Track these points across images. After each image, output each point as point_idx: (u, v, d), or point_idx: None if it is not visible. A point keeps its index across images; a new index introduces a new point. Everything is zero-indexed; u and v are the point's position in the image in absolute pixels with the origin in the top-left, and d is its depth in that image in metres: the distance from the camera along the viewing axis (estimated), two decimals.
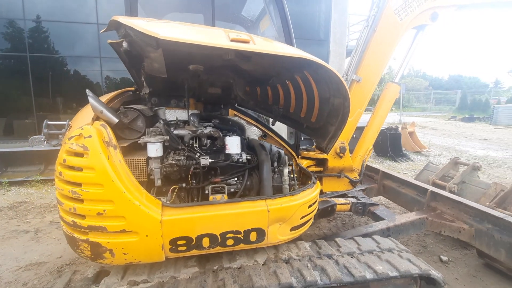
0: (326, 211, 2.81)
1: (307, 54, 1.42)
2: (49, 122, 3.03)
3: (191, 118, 1.96)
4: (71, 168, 1.54)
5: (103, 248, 1.55)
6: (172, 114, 2.26)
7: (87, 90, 1.66)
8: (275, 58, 1.50)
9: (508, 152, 9.39)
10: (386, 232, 2.54)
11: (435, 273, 1.91)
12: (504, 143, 11.42)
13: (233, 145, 1.81)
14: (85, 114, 1.79)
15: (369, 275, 1.78)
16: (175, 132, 1.84)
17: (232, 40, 1.32)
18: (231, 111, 2.40)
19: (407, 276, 1.87)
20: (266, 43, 1.53)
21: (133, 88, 2.33)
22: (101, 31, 1.64)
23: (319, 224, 3.67)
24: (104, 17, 8.40)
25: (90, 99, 1.63)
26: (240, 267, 1.81)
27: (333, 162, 2.71)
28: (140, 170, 1.81)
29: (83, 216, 1.54)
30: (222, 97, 2.22)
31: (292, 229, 1.86)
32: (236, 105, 2.37)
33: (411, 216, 2.71)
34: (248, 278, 1.70)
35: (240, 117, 2.41)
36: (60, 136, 5.85)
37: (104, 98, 2.02)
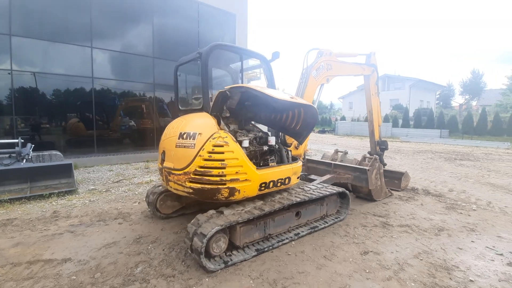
0: None
1: (308, 102, 3.71)
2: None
3: (254, 128, 3.83)
4: (217, 153, 3.16)
5: (236, 190, 3.24)
6: None
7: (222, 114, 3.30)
8: (285, 103, 3.69)
9: (348, 150, 14.90)
10: None
11: (346, 191, 4.57)
12: (344, 145, 17.61)
13: (272, 139, 3.85)
14: (207, 126, 3.34)
15: (327, 193, 4.21)
16: (249, 135, 3.68)
17: (291, 98, 3.45)
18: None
19: (337, 193, 4.43)
20: (297, 98, 3.69)
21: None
22: (225, 87, 3.34)
23: None
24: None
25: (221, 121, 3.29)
26: (279, 197, 3.82)
27: (294, 152, 5.07)
28: None
29: (225, 175, 3.17)
30: (251, 117, 4.17)
31: (298, 178, 4.07)
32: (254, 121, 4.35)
33: (327, 176, 5.43)
34: (287, 199, 3.75)
35: (255, 127, 4.40)
36: (12, 155, 5.75)
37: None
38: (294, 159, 4.28)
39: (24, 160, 5.74)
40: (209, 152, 3.16)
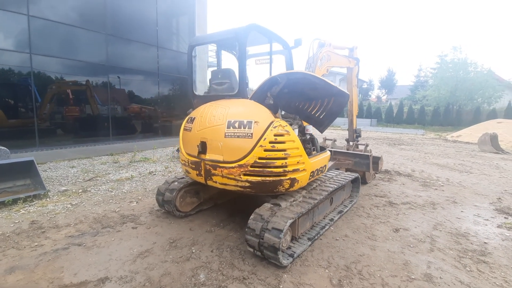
0: None
1: (345, 90, 3.79)
2: None
3: (297, 117, 3.70)
4: (280, 142, 2.98)
5: (297, 180, 3.13)
6: None
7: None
8: (335, 90, 3.73)
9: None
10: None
11: (358, 176, 4.91)
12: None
13: (310, 128, 3.82)
14: (262, 114, 3.08)
15: (349, 179, 4.45)
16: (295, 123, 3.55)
17: (335, 85, 3.46)
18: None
19: (351, 179, 4.71)
20: (338, 86, 3.70)
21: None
22: (277, 74, 3.10)
23: None
24: None
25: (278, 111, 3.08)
26: (317, 186, 3.86)
27: None
28: None
29: (287, 166, 3.03)
30: (282, 105, 4.02)
31: (330, 164, 4.16)
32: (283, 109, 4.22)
33: (330, 163, 5.71)
34: (326, 186, 3.82)
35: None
36: None
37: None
38: (323, 148, 4.36)
39: None
40: (271, 142, 2.95)
